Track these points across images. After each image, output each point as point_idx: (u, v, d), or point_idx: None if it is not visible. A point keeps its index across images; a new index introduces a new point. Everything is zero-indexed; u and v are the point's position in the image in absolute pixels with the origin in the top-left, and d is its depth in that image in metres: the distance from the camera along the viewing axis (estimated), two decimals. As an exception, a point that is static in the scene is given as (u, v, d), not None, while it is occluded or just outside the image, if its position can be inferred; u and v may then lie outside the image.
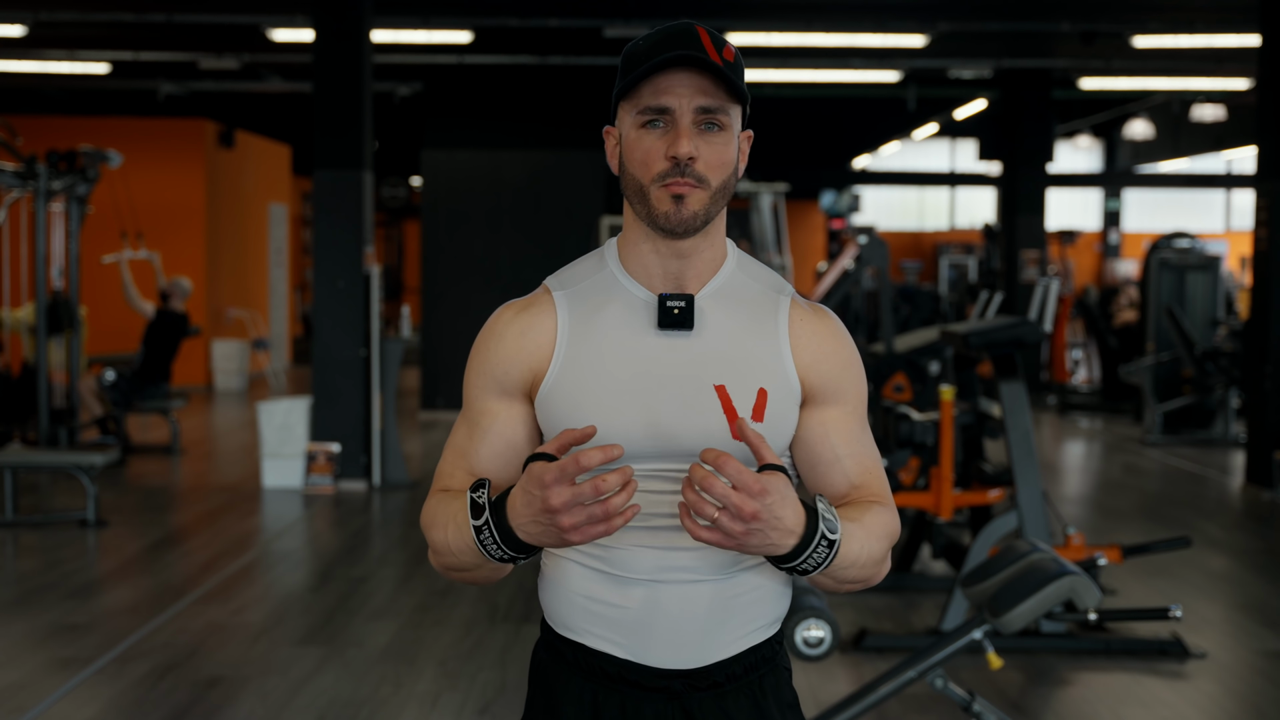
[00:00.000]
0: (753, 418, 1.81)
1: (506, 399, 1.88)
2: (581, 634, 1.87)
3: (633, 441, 1.80)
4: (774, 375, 1.85)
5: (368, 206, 9.71)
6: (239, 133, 17.36)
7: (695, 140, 1.79)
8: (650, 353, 1.83)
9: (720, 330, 1.85)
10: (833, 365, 1.89)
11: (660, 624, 1.82)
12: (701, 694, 1.85)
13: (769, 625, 1.89)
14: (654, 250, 1.85)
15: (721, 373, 1.82)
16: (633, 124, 1.83)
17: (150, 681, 5.18)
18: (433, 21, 11.67)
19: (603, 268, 1.90)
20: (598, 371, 1.82)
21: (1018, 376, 5.83)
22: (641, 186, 1.82)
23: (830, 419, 1.89)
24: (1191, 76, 15.31)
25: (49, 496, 9.05)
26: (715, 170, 1.81)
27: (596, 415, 1.80)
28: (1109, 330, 14.94)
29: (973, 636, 3.83)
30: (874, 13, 11.66)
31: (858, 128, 22.94)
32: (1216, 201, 27.28)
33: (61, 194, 10.50)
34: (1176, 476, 10.50)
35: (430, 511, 1.87)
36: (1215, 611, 6.46)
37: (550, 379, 1.84)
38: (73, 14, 11.65)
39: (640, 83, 1.81)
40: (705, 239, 1.86)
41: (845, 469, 1.89)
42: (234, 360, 16.39)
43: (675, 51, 1.77)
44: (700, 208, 1.80)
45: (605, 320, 1.85)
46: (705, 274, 1.87)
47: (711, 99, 1.79)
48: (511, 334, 1.88)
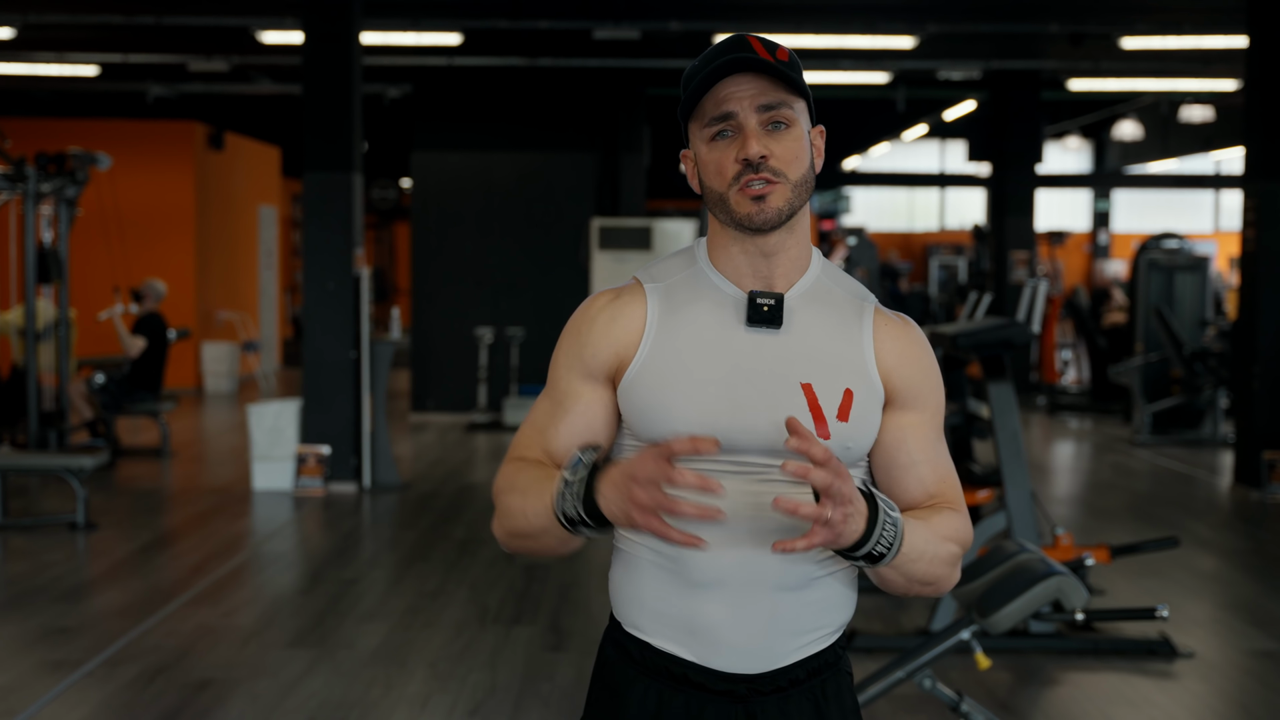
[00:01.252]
0: (838, 417, 1.83)
1: (591, 382, 1.90)
2: (650, 633, 1.88)
3: (714, 433, 1.81)
4: (859, 377, 1.87)
5: (358, 208, 9.71)
6: (228, 135, 17.35)
7: (764, 140, 1.82)
8: (738, 348, 1.85)
9: (808, 330, 1.87)
10: (915, 372, 1.92)
11: (730, 630, 1.84)
12: (765, 698, 1.87)
13: (834, 631, 1.91)
14: (742, 250, 1.88)
15: (808, 372, 1.85)
16: (703, 139, 1.87)
17: (140, 684, 5.18)
18: (422, 23, 11.67)
19: (692, 264, 1.93)
20: (684, 363, 1.85)
21: (1006, 377, 5.85)
22: (721, 195, 1.85)
23: (909, 424, 1.91)
24: (1180, 78, 15.35)
25: (39, 499, 9.04)
26: (790, 165, 1.84)
27: (680, 405, 1.82)
28: (1098, 331, 14.97)
29: (961, 637, 3.84)
30: (863, 14, 11.68)
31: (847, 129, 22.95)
32: (1205, 202, 27.34)
33: (50, 196, 10.48)
34: (1165, 477, 10.52)
35: (507, 477, 1.90)
36: (1203, 611, 6.48)
37: (636, 366, 1.86)
38: (62, 16, 11.63)
39: (701, 97, 1.84)
40: (790, 235, 1.88)
41: (921, 475, 1.91)
42: (224, 363, 16.37)
43: (727, 57, 1.81)
44: (783, 202, 1.83)
45: (694, 314, 1.88)
46: (793, 274, 1.90)
47: (771, 96, 1.82)
48: (603, 319, 1.90)
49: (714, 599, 1.83)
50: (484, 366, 13.53)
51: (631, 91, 14.37)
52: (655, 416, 1.84)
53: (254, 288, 18.62)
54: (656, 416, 1.84)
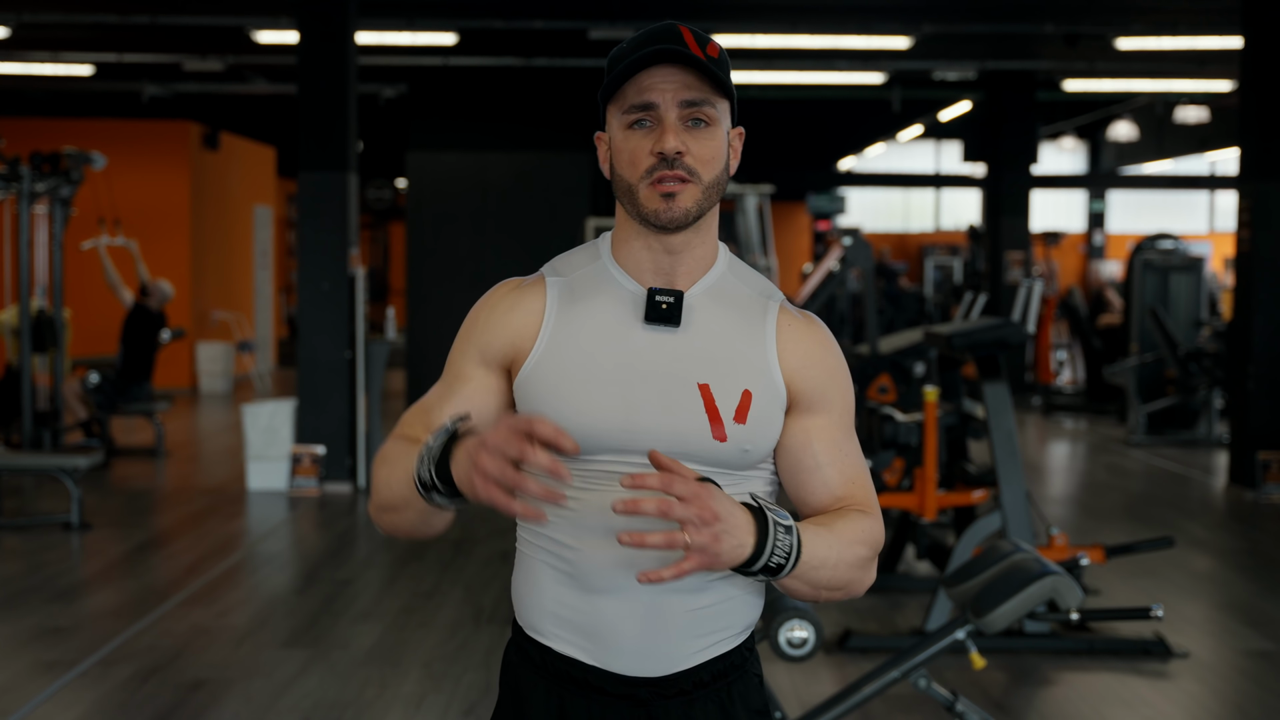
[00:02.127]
0: (735, 419, 1.79)
1: (484, 367, 1.88)
2: (549, 637, 1.85)
3: (608, 434, 1.78)
4: (760, 378, 1.83)
5: (352, 208, 9.69)
6: (224, 135, 17.34)
7: (683, 136, 1.78)
8: (635, 346, 1.81)
9: (708, 329, 1.83)
10: (819, 373, 1.87)
11: (628, 633, 1.80)
12: (668, 701, 1.83)
13: (739, 633, 1.88)
14: (645, 246, 1.84)
15: (706, 372, 1.80)
16: (620, 125, 1.82)
17: (134, 684, 5.17)
18: (417, 23, 11.66)
19: (596, 259, 1.90)
20: (579, 359, 1.81)
21: (1001, 377, 5.85)
22: (630, 186, 1.81)
23: (814, 427, 1.87)
24: (1174, 78, 15.37)
25: (33, 499, 9.03)
26: (705, 165, 1.79)
27: (573, 402, 1.79)
28: (1093, 331, 14.98)
29: (955, 637, 3.84)
30: (858, 14, 11.68)
31: (843, 129, 22.98)
32: (1200, 203, 27.38)
33: (45, 196, 10.47)
34: (1160, 477, 10.53)
35: (383, 452, 1.87)
36: (1198, 611, 6.49)
37: (532, 360, 1.83)
38: (56, 15, 11.61)
39: (624, 82, 1.80)
40: (696, 235, 1.84)
41: (826, 478, 1.87)
42: (219, 362, 16.36)
43: (655, 47, 1.76)
44: (692, 203, 1.79)
45: (593, 310, 1.84)
46: (696, 272, 1.86)
47: (696, 92, 1.78)
48: (502, 307, 1.88)
49: (609, 602, 1.80)
50: (479, 367, 13.49)
51: (627, 92, 14.35)
52: (549, 412, 1.79)
53: (249, 288, 18.61)
54: (550, 412, 1.79)
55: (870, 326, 8.57)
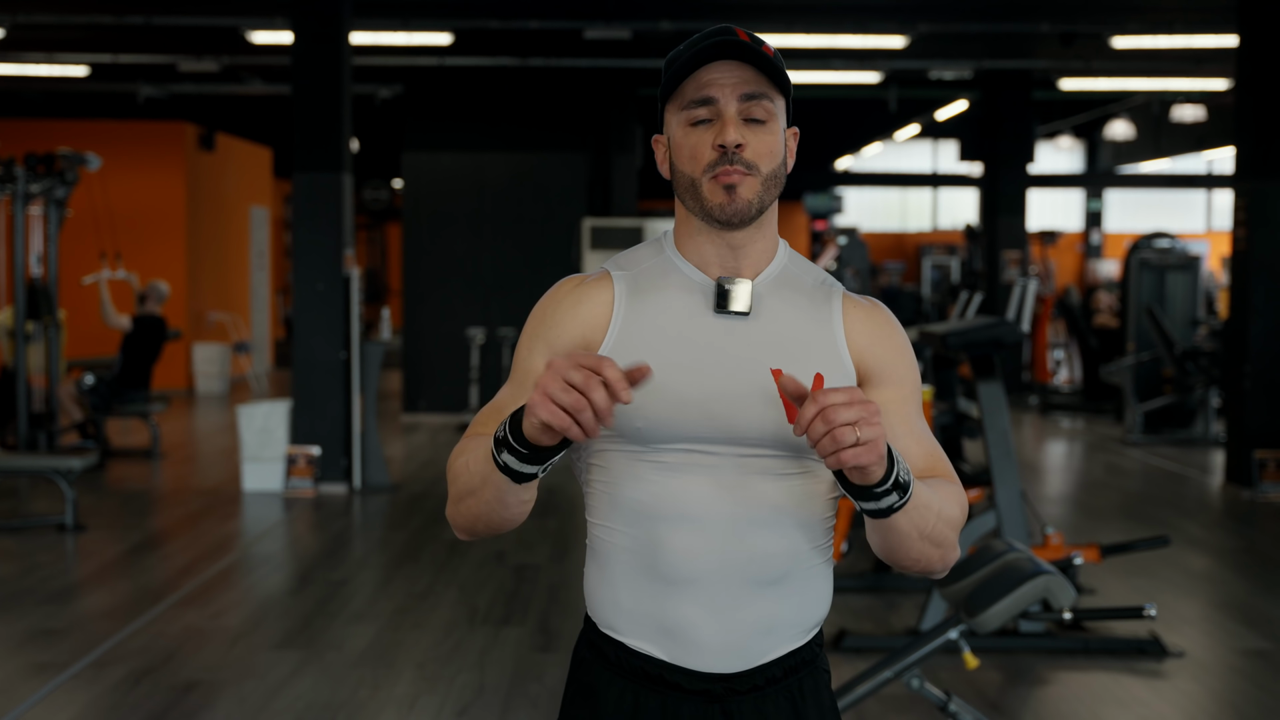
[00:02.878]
0: None
1: None
2: (625, 634, 1.85)
3: (685, 423, 1.79)
4: (830, 360, 1.85)
5: (347, 209, 9.68)
6: (220, 135, 17.32)
7: (742, 130, 1.80)
8: (706, 335, 1.83)
9: (776, 316, 1.85)
10: (887, 349, 1.89)
11: (705, 629, 1.81)
12: (741, 697, 1.84)
13: (810, 629, 1.88)
14: (709, 241, 1.86)
15: (777, 357, 1.82)
16: (680, 123, 1.85)
17: (126, 686, 5.16)
18: (412, 23, 11.65)
19: (660, 253, 1.91)
20: (651, 350, 1.81)
21: (996, 377, 5.84)
22: (692, 181, 1.83)
23: (887, 400, 1.88)
24: (1171, 77, 15.36)
25: (28, 501, 9.01)
26: (764, 158, 1.81)
27: (652, 389, 1.78)
28: (1090, 330, 14.98)
29: (949, 636, 3.83)
30: (854, 14, 11.68)
31: (840, 129, 22.96)
32: (1197, 202, 27.38)
33: (40, 197, 10.45)
34: (1157, 476, 10.52)
35: (458, 447, 1.86)
36: (1194, 610, 6.48)
37: (604, 352, 1.83)
38: (51, 16, 11.60)
39: (683, 79, 1.83)
40: (758, 230, 1.86)
41: (905, 448, 1.87)
42: (215, 364, 16.35)
43: (716, 38, 1.79)
44: (753, 195, 1.81)
45: (662, 301, 1.85)
46: (760, 264, 1.88)
47: (754, 86, 1.81)
48: (569, 302, 1.88)
49: (688, 597, 1.80)
50: (476, 367, 13.51)
51: (623, 91, 14.36)
52: (624, 405, 1.78)
53: (245, 289, 18.60)
54: (625, 405, 1.77)
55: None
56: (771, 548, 1.80)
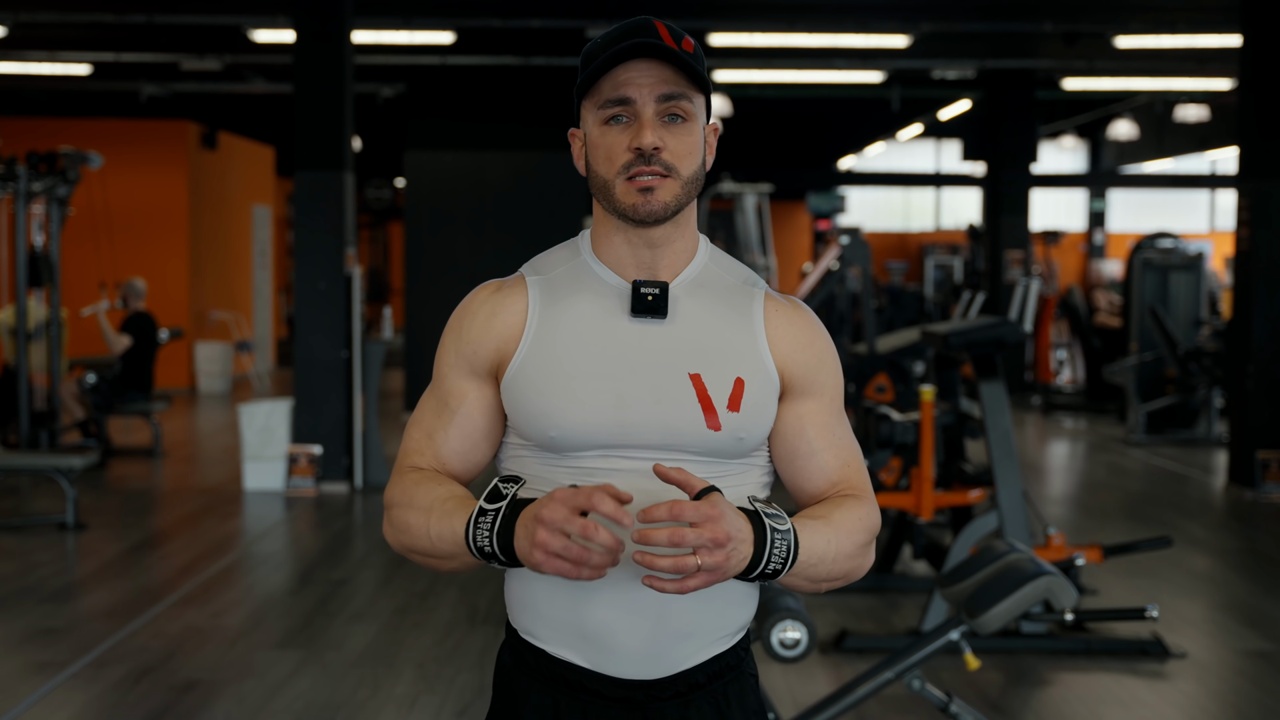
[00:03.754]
0: (729, 408, 1.78)
1: (476, 379, 1.86)
2: (544, 640, 1.83)
3: (600, 429, 1.77)
4: (751, 365, 1.82)
5: (349, 208, 9.67)
6: (222, 134, 17.31)
7: (660, 131, 1.77)
8: (622, 339, 1.80)
9: (695, 319, 1.82)
10: (809, 357, 1.87)
11: (622, 635, 1.78)
12: (664, 703, 1.81)
13: (734, 633, 1.86)
14: (626, 240, 1.83)
15: (697, 361, 1.79)
16: (595, 121, 1.81)
17: (126, 686, 5.15)
18: (414, 22, 11.64)
19: (576, 256, 1.88)
20: (566, 356, 1.79)
21: (998, 377, 5.82)
22: (607, 182, 1.80)
23: (808, 412, 1.86)
24: (1174, 77, 15.34)
25: (29, 499, 9.00)
26: (682, 160, 1.78)
27: (562, 399, 1.77)
28: (1093, 330, 14.95)
29: (950, 637, 3.81)
30: (856, 13, 11.66)
31: (843, 128, 22.95)
32: (1201, 202, 27.33)
33: (42, 195, 10.45)
34: (1159, 476, 10.50)
35: (405, 491, 1.83)
36: (1196, 611, 6.46)
37: (517, 362, 1.81)
38: (53, 15, 11.60)
39: (599, 77, 1.79)
40: (676, 229, 1.83)
41: (823, 463, 1.87)
42: (217, 362, 16.33)
43: (633, 40, 1.75)
44: (670, 197, 1.78)
45: (577, 306, 1.83)
46: (678, 264, 1.85)
47: (672, 86, 1.77)
48: (484, 313, 1.86)
49: (604, 603, 1.77)
50: (477, 366, 13.47)
51: (625, 91, 14.34)
52: (536, 413, 1.79)
53: (248, 287, 18.58)
54: (538, 413, 1.79)
55: (868, 326, 8.54)
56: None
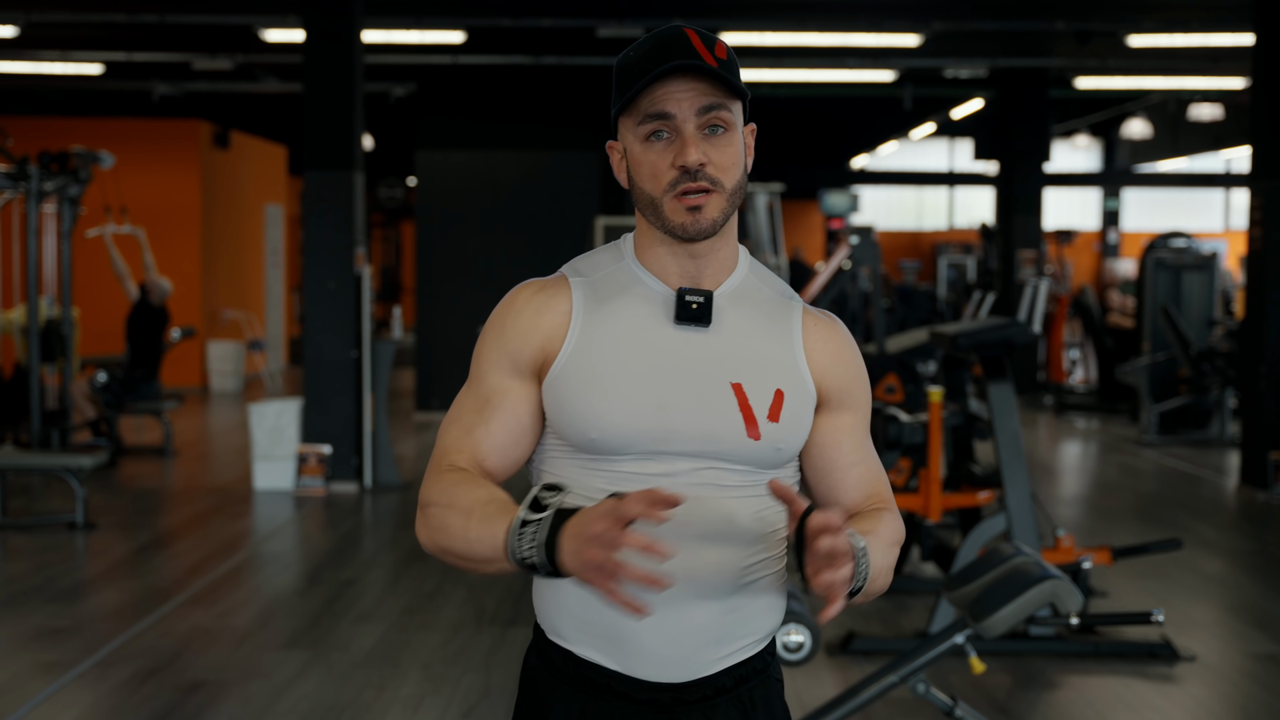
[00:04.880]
0: (769, 418, 1.79)
1: (519, 377, 1.85)
2: (572, 642, 1.83)
3: (641, 434, 1.77)
4: (791, 377, 1.83)
5: (359, 207, 9.67)
6: (234, 133, 17.33)
7: (702, 145, 1.77)
8: (666, 346, 1.80)
9: (737, 329, 1.83)
10: (846, 372, 1.89)
11: (652, 639, 1.78)
12: (690, 707, 1.82)
13: (761, 639, 1.87)
14: (670, 252, 1.84)
15: (738, 371, 1.80)
16: (636, 137, 1.81)
17: (132, 686, 5.15)
18: (425, 22, 11.63)
19: (620, 260, 1.88)
20: (610, 359, 1.79)
21: (1006, 378, 5.80)
22: (654, 199, 1.80)
23: (844, 425, 1.89)
24: (1188, 76, 15.28)
25: (40, 499, 9.03)
26: (727, 172, 1.79)
27: (605, 402, 1.77)
28: (1106, 330, 14.90)
29: (955, 641, 3.80)
30: (868, 12, 11.63)
31: (855, 127, 22.91)
32: (1215, 201, 27.25)
33: (53, 195, 10.46)
34: (1172, 477, 10.46)
35: (443, 489, 1.79)
36: (1206, 614, 6.43)
37: (561, 362, 1.81)
38: (65, 14, 11.62)
39: (638, 96, 1.79)
40: (721, 240, 1.84)
41: (861, 475, 1.90)
42: (229, 361, 16.36)
43: (671, 63, 1.75)
44: (718, 213, 1.79)
45: (621, 310, 1.83)
46: (721, 274, 1.86)
47: (711, 97, 1.77)
48: (529, 310, 1.85)
49: None
50: (488, 366, 13.46)
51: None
52: (579, 414, 1.78)
53: (260, 286, 18.61)
54: (580, 415, 1.78)
55: (878, 326, 8.52)
56: (722, 559, 1.78)
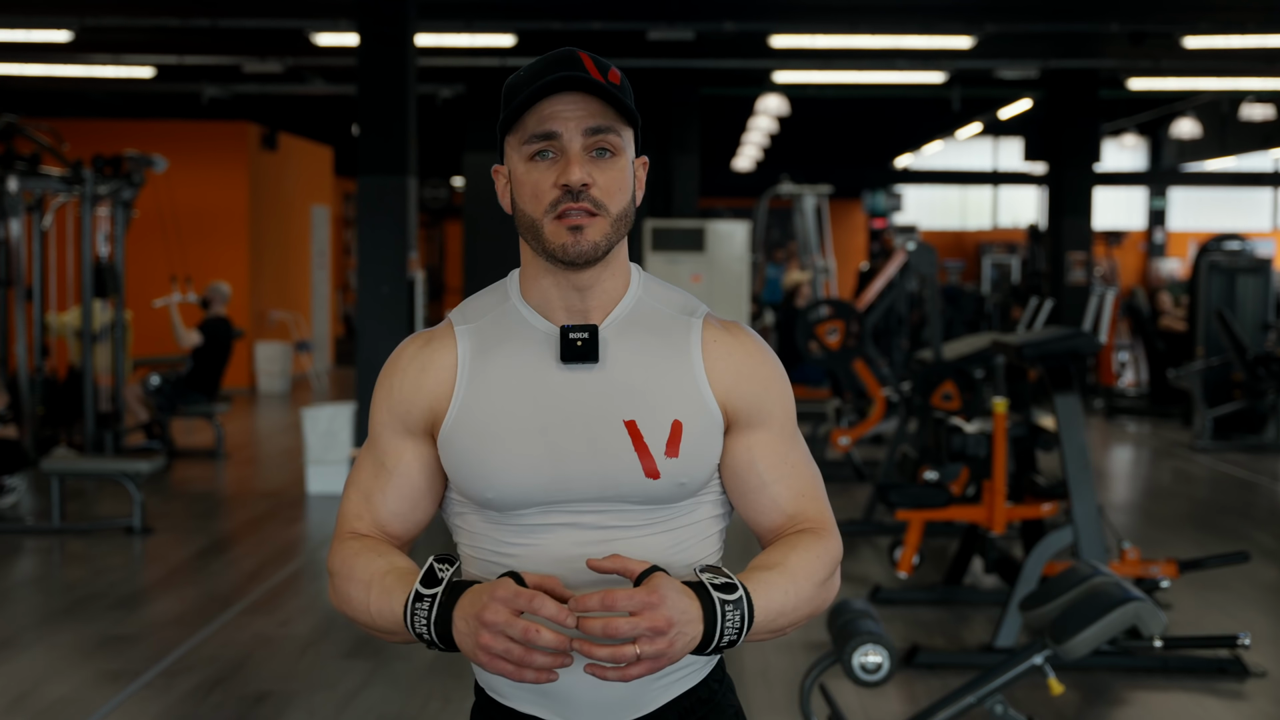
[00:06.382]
0: (666, 454, 1.72)
1: (411, 438, 1.81)
2: (510, 699, 1.79)
3: (536, 487, 1.72)
4: (690, 404, 1.75)
5: (412, 211, 9.68)
6: (282, 135, 17.41)
7: (588, 166, 1.71)
8: (553, 389, 1.74)
9: (628, 361, 1.76)
10: (753, 386, 1.80)
11: (582, 688, 1.73)
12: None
13: (704, 665, 1.81)
14: (554, 284, 1.78)
15: (631, 407, 1.73)
16: (520, 157, 1.75)
17: (199, 695, 5.17)
18: (476, 25, 11.64)
19: (505, 301, 1.83)
20: (498, 412, 1.74)
21: (1073, 389, 5.74)
22: (534, 221, 1.74)
23: (756, 443, 1.80)
24: (1241, 76, 15.13)
25: (94, 502, 9.08)
26: (612, 197, 1.73)
27: (496, 459, 1.72)
28: (1156, 333, 14.77)
29: (1033, 662, 3.76)
30: (920, 14, 11.56)
31: (901, 127, 22.80)
32: (1264, 200, 26.98)
33: (107, 198, 10.53)
34: (1227, 483, 10.35)
35: (346, 562, 1.79)
36: (1273, 627, 6.35)
37: (450, 421, 1.77)
38: (118, 19, 11.69)
39: (524, 112, 1.73)
40: (606, 269, 1.77)
41: (775, 495, 1.80)
42: (277, 362, 16.44)
43: (557, 74, 1.70)
44: (600, 237, 1.72)
45: (506, 355, 1.77)
46: (608, 304, 1.79)
47: (600, 119, 1.72)
48: (413, 370, 1.80)
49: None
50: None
51: (685, 92, 14.31)
52: (471, 475, 1.75)
53: (306, 287, 18.69)
54: (473, 475, 1.74)
55: (934, 332, 8.47)
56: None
